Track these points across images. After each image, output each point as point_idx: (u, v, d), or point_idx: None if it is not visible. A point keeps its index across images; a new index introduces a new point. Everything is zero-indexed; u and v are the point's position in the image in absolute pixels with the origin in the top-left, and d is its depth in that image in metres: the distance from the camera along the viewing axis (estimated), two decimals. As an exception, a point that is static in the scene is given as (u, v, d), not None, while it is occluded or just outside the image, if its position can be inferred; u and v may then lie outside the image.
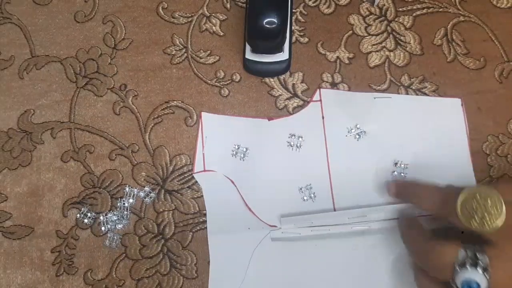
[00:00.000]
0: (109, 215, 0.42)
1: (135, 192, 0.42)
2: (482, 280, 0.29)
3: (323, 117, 0.43)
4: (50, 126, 0.43)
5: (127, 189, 0.42)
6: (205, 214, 0.42)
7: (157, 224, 0.42)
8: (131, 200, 0.42)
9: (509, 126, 0.43)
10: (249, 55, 0.43)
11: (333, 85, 0.44)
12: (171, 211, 0.42)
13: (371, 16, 0.46)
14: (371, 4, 0.46)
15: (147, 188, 0.42)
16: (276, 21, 0.36)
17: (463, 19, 0.46)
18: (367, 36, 0.45)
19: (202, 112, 0.44)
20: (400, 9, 0.46)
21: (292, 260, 0.41)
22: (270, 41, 0.39)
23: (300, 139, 0.43)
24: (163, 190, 0.42)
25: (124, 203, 0.42)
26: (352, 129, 0.43)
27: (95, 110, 0.44)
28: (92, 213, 0.42)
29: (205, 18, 0.46)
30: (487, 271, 0.29)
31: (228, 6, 0.46)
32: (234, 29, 0.45)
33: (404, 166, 0.42)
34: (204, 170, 0.42)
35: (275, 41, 0.39)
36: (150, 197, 0.42)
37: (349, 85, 0.44)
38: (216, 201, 0.42)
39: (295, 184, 0.42)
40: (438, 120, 0.43)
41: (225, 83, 0.44)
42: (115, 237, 0.41)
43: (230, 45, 0.45)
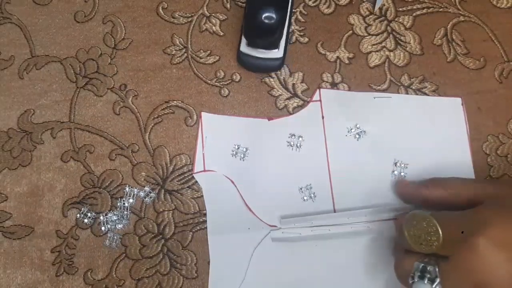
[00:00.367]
0: (109, 215, 0.42)
1: (135, 192, 0.42)
2: None
3: (323, 117, 0.43)
4: (50, 126, 0.43)
5: (127, 189, 0.42)
6: (205, 214, 0.42)
7: (157, 224, 0.42)
8: (131, 200, 0.42)
9: (509, 126, 0.43)
10: (244, 48, 0.43)
11: (333, 85, 0.44)
12: (171, 211, 0.42)
13: (371, 16, 0.46)
14: (373, 8, 0.46)
15: (147, 188, 0.42)
16: (274, 17, 0.36)
17: (463, 19, 0.46)
18: (367, 36, 0.45)
19: (202, 112, 0.44)
20: (400, 9, 0.46)
21: (292, 260, 0.41)
22: (267, 36, 0.39)
23: (300, 139, 0.43)
24: (163, 190, 0.42)
25: (124, 203, 0.42)
26: (352, 129, 0.43)
27: (95, 110, 0.44)
28: (92, 213, 0.42)
29: (205, 18, 0.46)
30: (435, 283, 0.31)
31: (228, 6, 0.46)
32: (234, 29, 0.45)
33: (404, 165, 0.42)
34: (204, 170, 0.42)
35: (272, 37, 0.39)
36: (150, 197, 0.42)
37: (349, 85, 0.44)
38: (216, 201, 0.42)
39: (295, 184, 0.42)
40: (438, 120, 0.43)
41: (225, 83, 0.44)
42: (115, 237, 0.41)
43: (230, 45, 0.45)
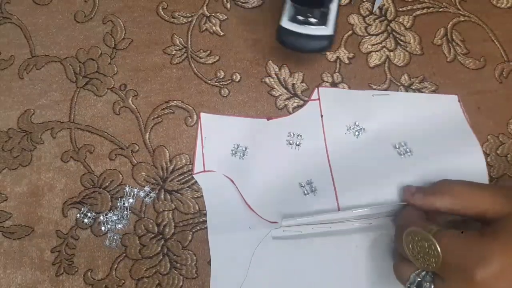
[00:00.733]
0: (109, 215, 0.42)
1: (135, 192, 0.42)
2: None
3: (322, 115, 0.43)
4: (50, 126, 0.43)
5: (127, 189, 0.42)
6: (205, 214, 0.42)
7: (157, 224, 0.42)
8: (131, 200, 0.42)
9: (509, 126, 0.43)
10: (286, 23, 0.36)
11: (333, 85, 0.44)
12: (171, 211, 0.42)
13: (371, 16, 0.46)
14: (372, 8, 0.46)
15: (147, 188, 0.42)
16: None
17: (463, 19, 0.46)
18: (367, 36, 0.45)
19: (201, 113, 0.44)
20: (400, 9, 0.46)
21: (293, 258, 0.41)
22: (313, 3, 0.32)
23: (300, 137, 0.43)
24: (163, 190, 0.42)
25: (124, 203, 0.42)
26: (351, 127, 0.43)
27: (95, 110, 0.44)
28: (92, 213, 0.42)
29: (205, 18, 0.46)
30: None
31: (228, 6, 0.46)
32: (234, 29, 0.45)
33: (404, 157, 0.42)
34: (204, 170, 0.42)
35: (320, 5, 0.32)
36: (150, 197, 0.42)
37: (349, 85, 0.44)
38: (216, 201, 0.42)
39: (295, 181, 0.42)
40: (436, 117, 0.43)
41: (225, 83, 0.44)
42: (115, 237, 0.41)
43: (230, 45, 0.45)
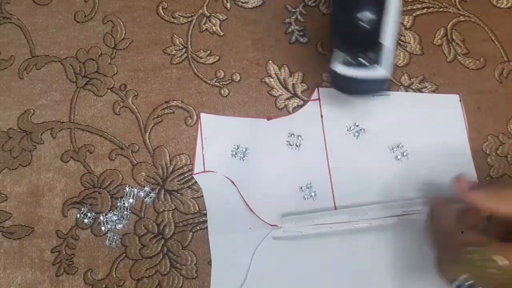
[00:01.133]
0: (109, 215, 0.42)
1: (135, 192, 0.42)
2: None
3: (322, 115, 0.43)
4: (50, 126, 0.43)
5: (127, 189, 0.42)
6: (205, 214, 0.42)
7: (157, 224, 0.42)
8: (131, 200, 0.42)
9: (509, 126, 0.43)
10: (338, 67, 0.34)
11: (333, 85, 0.44)
12: (171, 211, 0.42)
13: (371, 16, 0.46)
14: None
15: (147, 188, 0.42)
16: (371, 16, 0.27)
17: (463, 19, 0.46)
18: (367, 36, 0.45)
19: (201, 113, 0.43)
20: (400, 9, 0.46)
21: (293, 258, 0.41)
22: (360, 42, 0.31)
23: (299, 138, 0.43)
24: (163, 190, 0.42)
25: (124, 203, 0.42)
26: (351, 127, 0.43)
27: (95, 110, 0.44)
28: (92, 213, 0.42)
29: (205, 18, 0.46)
30: None
31: (228, 6, 0.46)
32: (234, 29, 0.45)
33: (404, 158, 0.42)
34: (204, 171, 0.42)
35: (367, 44, 0.31)
36: (150, 197, 0.42)
37: (349, 85, 0.44)
38: (217, 201, 0.42)
39: (295, 183, 0.42)
40: (437, 116, 0.43)
41: (225, 83, 0.44)
42: (115, 237, 0.41)
43: (230, 45, 0.45)
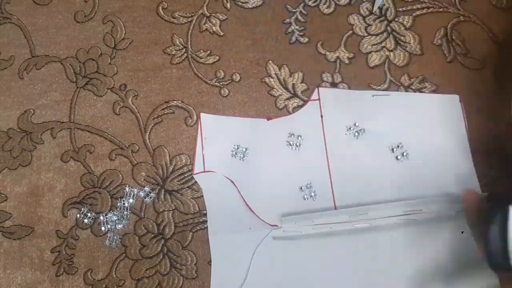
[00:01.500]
0: (109, 215, 0.42)
1: (135, 192, 0.42)
2: None
3: (322, 116, 0.43)
4: (50, 126, 0.43)
5: (127, 189, 0.42)
6: (205, 214, 0.42)
7: (157, 224, 0.42)
8: (131, 200, 0.42)
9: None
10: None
11: (333, 85, 0.44)
12: (171, 211, 0.42)
13: (371, 16, 0.46)
14: (372, 8, 0.46)
15: (147, 188, 0.42)
16: None
17: (463, 19, 0.46)
18: (367, 36, 0.45)
19: (201, 113, 0.43)
20: (400, 9, 0.46)
21: (293, 258, 0.41)
22: None
23: (299, 138, 0.43)
24: (163, 190, 0.42)
25: (124, 203, 0.42)
26: (351, 127, 0.43)
27: (95, 110, 0.44)
28: (92, 213, 0.42)
29: (205, 18, 0.46)
30: None
31: (228, 6, 0.46)
32: (234, 29, 0.45)
33: (404, 158, 0.42)
34: (204, 171, 0.42)
35: None
36: (150, 197, 0.42)
37: (349, 85, 0.44)
38: (217, 201, 0.42)
39: (295, 183, 0.42)
40: (437, 117, 0.43)
41: (225, 83, 0.44)
42: (115, 237, 0.41)
43: (230, 45, 0.45)
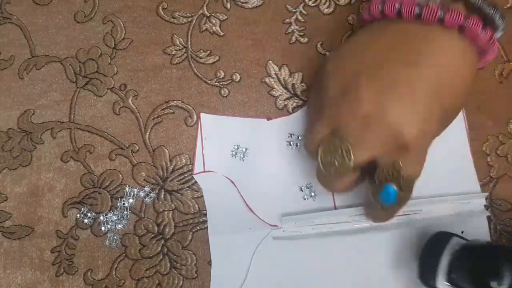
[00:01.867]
0: (109, 215, 0.42)
1: (135, 192, 0.42)
2: None
3: None
4: (50, 126, 0.43)
5: (127, 189, 0.42)
6: (205, 214, 0.42)
7: (157, 224, 0.42)
8: (131, 200, 0.42)
9: (509, 126, 0.43)
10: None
11: (333, 85, 0.44)
12: (171, 211, 0.42)
13: (371, 16, 0.46)
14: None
15: (147, 188, 0.42)
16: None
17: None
18: (367, 36, 0.45)
19: (201, 113, 0.43)
20: (400, 9, 0.46)
21: (294, 258, 0.41)
22: None
23: (300, 138, 0.43)
24: (163, 190, 0.42)
25: (124, 203, 0.42)
26: None
27: (95, 110, 0.44)
28: (92, 213, 0.42)
29: (205, 18, 0.46)
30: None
31: (228, 6, 0.46)
32: (234, 29, 0.45)
33: None
34: (204, 171, 0.42)
35: None
36: (150, 197, 0.42)
37: (349, 85, 0.44)
38: (217, 201, 0.42)
39: (295, 183, 0.42)
40: None
41: (225, 83, 0.44)
42: (115, 237, 0.41)
43: (230, 45, 0.45)
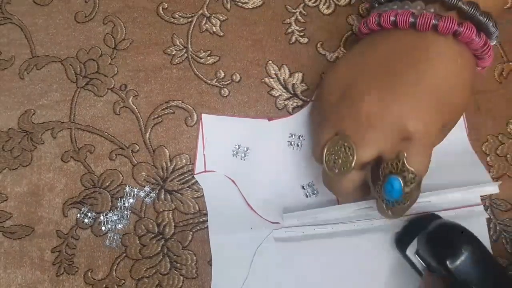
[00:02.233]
0: (109, 215, 0.42)
1: (135, 192, 0.42)
2: None
3: None
4: (51, 126, 0.43)
5: (127, 189, 0.42)
6: (205, 214, 0.42)
7: (157, 224, 0.42)
8: (131, 200, 0.42)
9: (509, 126, 0.43)
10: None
11: (333, 85, 0.44)
12: (171, 211, 0.42)
13: (371, 16, 0.46)
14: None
15: (147, 188, 0.42)
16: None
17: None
18: (367, 36, 0.45)
19: (202, 114, 0.44)
20: (400, 9, 0.46)
21: (295, 259, 0.41)
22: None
23: (301, 138, 0.43)
24: (163, 190, 0.42)
25: (124, 203, 0.42)
26: None
27: (95, 110, 0.44)
28: (92, 213, 0.42)
29: (205, 18, 0.46)
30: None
31: (228, 6, 0.46)
32: (234, 29, 0.46)
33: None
34: (205, 171, 0.42)
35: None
36: (150, 197, 0.42)
37: (349, 85, 0.44)
38: (218, 201, 0.42)
39: (297, 182, 0.42)
40: None
41: (225, 83, 0.44)
42: (115, 237, 0.41)
43: (230, 46, 0.45)
